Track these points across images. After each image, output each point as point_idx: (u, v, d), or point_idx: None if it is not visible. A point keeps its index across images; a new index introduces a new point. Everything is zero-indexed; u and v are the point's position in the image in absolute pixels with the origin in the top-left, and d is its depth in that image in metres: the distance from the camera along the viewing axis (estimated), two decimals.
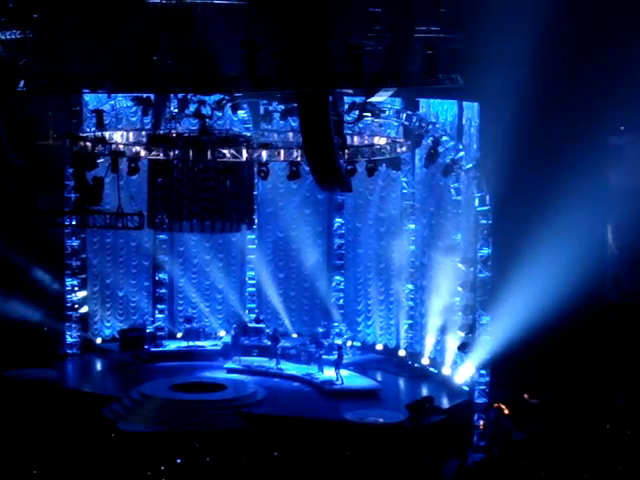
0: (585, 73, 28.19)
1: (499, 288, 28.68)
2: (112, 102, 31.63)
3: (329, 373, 31.22)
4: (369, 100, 27.76)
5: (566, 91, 28.19)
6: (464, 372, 29.68)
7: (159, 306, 35.48)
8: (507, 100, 27.21)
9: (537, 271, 27.88)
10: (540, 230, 28.35)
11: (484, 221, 28.70)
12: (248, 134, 30.12)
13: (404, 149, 30.23)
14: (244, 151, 28.49)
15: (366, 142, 30.04)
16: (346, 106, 28.79)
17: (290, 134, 31.21)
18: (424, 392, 30.39)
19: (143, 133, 31.54)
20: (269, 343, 32.93)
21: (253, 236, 35.18)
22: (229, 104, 31.34)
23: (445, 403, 29.40)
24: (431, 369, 31.74)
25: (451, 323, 30.56)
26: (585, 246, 28.18)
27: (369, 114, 29.04)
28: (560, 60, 27.97)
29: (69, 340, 33.93)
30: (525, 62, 27.07)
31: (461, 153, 29.18)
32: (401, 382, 32.08)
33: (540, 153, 28.61)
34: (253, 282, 35.61)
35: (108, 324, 35.19)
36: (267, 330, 33.81)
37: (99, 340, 34.91)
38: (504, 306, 28.33)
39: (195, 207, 28.99)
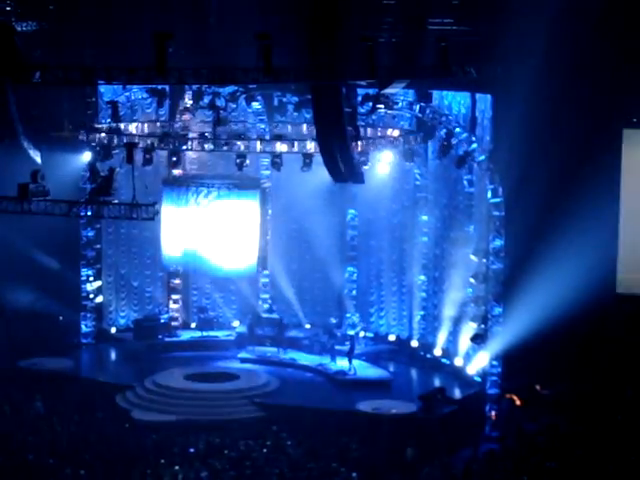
0: (600, 64, 28.16)
1: (511, 280, 28.77)
2: (127, 93, 31.80)
3: (342, 363, 31.38)
4: (382, 92, 27.84)
5: (581, 82, 28.18)
6: (476, 363, 29.79)
7: (173, 296, 35.64)
8: (520, 92, 27.24)
9: (549, 262, 27.96)
10: (552, 222, 28.42)
11: (496, 213, 28.78)
12: None
13: (417, 141, 30.32)
14: (258, 143, 28.77)
15: (379, 134, 30.12)
16: (359, 98, 28.87)
17: (304, 126, 31.34)
18: (436, 383, 30.51)
19: (158, 124, 31.80)
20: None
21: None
22: (243, 96, 31.52)
23: (457, 394, 29.51)
24: (443, 360, 31.85)
25: (463, 314, 30.66)
26: (597, 237, 28.22)
27: (382, 106, 29.12)
28: (574, 51, 27.95)
29: (84, 330, 34.15)
30: (539, 54, 27.09)
31: (474, 145, 29.25)
32: (413, 373, 32.22)
33: (553, 145, 28.62)
34: (267, 272, 35.70)
35: (123, 314, 35.39)
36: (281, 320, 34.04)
37: (114, 330, 35.13)
38: (516, 297, 28.42)
39: None
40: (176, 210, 32.30)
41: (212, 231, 31.92)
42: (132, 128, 30.91)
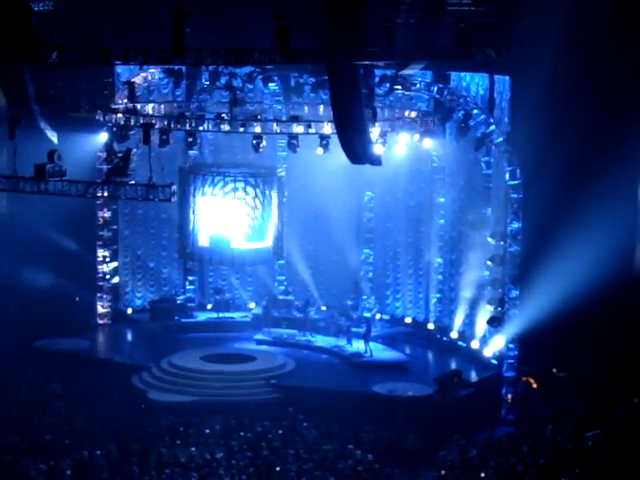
0: (621, 45, 27.90)
1: (528, 262, 28.67)
2: (144, 74, 31.74)
3: (358, 346, 31.38)
4: (400, 73, 27.69)
5: (600, 64, 27.94)
6: (493, 346, 29.74)
7: (189, 277, 35.71)
8: (539, 73, 27.06)
9: (567, 245, 27.81)
10: (570, 204, 28.24)
11: (514, 195, 28.69)
12: None
13: (435, 122, 30.18)
14: (274, 124, 28.67)
15: (397, 115, 29.99)
16: (377, 79, 28.73)
17: (321, 107, 31.22)
18: (452, 365, 30.49)
19: (175, 105, 31.74)
20: (298, 315, 33.21)
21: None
22: (260, 77, 31.41)
23: (473, 376, 29.49)
24: (460, 343, 31.80)
25: (480, 297, 30.61)
26: (615, 220, 28.04)
27: (400, 87, 28.99)
28: (594, 32, 27.71)
29: (100, 310, 34.23)
30: (557, 35, 26.86)
31: (492, 127, 29.13)
32: (429, 355, 32.21)
33: (572, 127, 28.40)
34: (283, 254, 35.64)
35: (139, 295, 35.47)
36: (296, 302, 33.97)
37: (130, 311, 35.19)
38: (533, 280, 28.32)
39: None
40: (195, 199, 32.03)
41: (231, 217, 31.63)
42: (149, 109, 30.85)
